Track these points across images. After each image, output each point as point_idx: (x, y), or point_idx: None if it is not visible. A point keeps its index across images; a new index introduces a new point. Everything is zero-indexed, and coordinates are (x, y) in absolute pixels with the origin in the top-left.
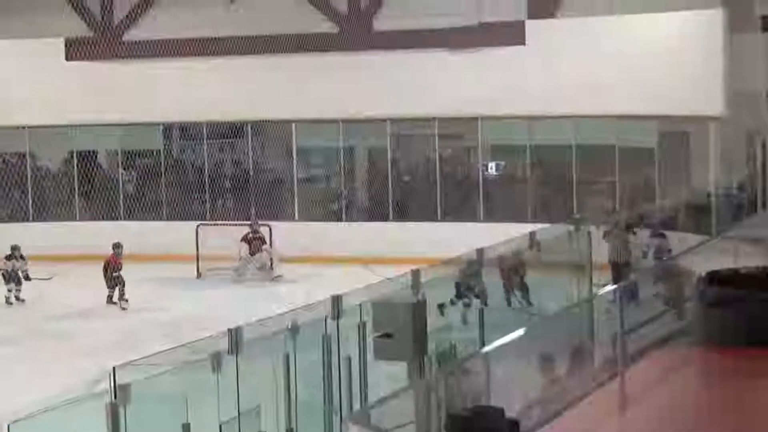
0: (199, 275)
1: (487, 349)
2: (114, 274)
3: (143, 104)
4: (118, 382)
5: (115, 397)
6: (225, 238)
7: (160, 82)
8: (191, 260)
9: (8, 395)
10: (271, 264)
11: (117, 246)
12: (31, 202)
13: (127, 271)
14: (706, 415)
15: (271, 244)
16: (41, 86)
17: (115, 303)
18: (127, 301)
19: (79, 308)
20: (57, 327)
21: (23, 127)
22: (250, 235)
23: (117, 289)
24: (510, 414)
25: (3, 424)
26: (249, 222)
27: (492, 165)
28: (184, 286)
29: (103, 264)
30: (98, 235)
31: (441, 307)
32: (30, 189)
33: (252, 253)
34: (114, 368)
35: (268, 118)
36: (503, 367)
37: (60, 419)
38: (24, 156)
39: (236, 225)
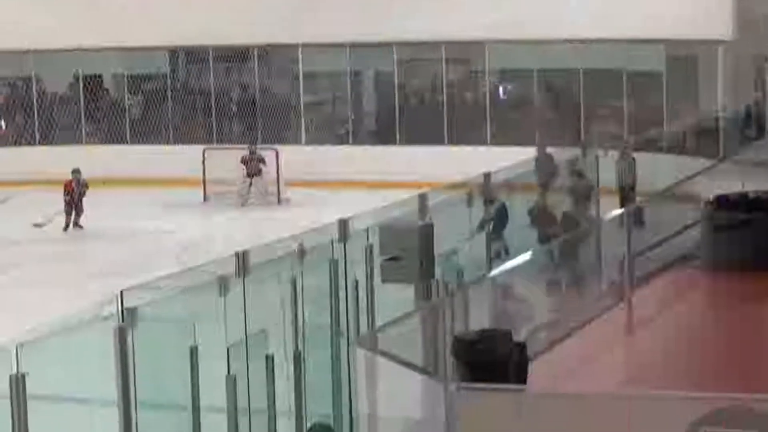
0: (205, 199)
1: (494, 272)
2: (66, 198)
3: (149, 28)
4: (125, 305)
5: (123, 320)
6: (231, 161)
7: (166, 6)
8: (198, 184)
9: (17, 318)
10: (278, 188)
11: (75, 171)
12: (37, 125)
13: (133, 194)
14: (712, 337)
15: (278, 169)
16: (45, 9)
17: (67, 228)
18: (81, 227)
19: (85, 232)
20: (64, 250)
21: (28, 51)
22: (247, 156)
23: (72, 215)
24: (517, 337)
25: (11, 347)
26: (258, 146)
27: (500, 89)
28: (191, 210)
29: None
30: (104, 158)
31: (484, 223)
32: (36, 113)
33: (249, 174)
34: (121, 292)
35: (274, 42)
36: (510, 290)
37: (67, 342)
38: (29, 80)
39: (242, 149)
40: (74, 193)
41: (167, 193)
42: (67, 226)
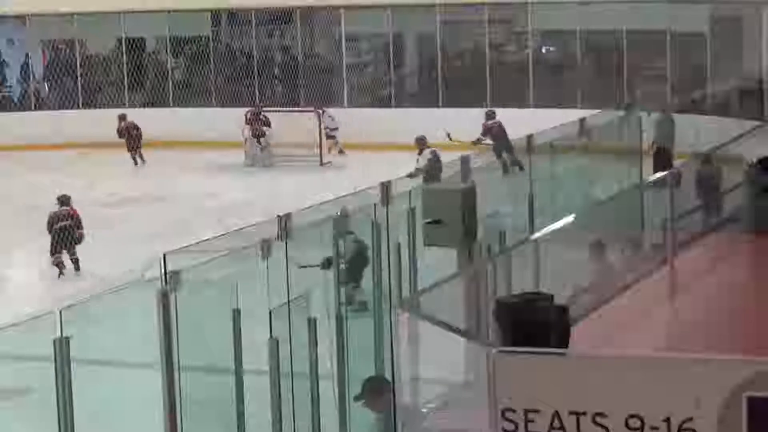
0: (252, 163)
1: (536, 235)
2: (56, 227)
3: None
4: (168, 268)
5: (166, 283)
6: (274, 124)
7: None
8: (240, 147)
9: (59, 281)
10: (320, 151)
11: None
12: (80, 89)
13: (177, 158)
14: (754, 300)
15: (320, 132)
16: None
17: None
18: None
19: (129, 195)
20: (108, 213)
21: (72, 15)
22: (250, 115)
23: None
24: (559, 301)
25: (54, 310)
26: (299, 108)
27: (542, 50)
28: (233, 173)
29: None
30: (148, 121)
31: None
32: (79, 76)
33: (254, 136)
34: (164, 255)
35: (316, 3)
36: (553, 254)
37: (110, 305)
38: (73, 43)
39: (285, 111)
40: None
41: (209, 155)
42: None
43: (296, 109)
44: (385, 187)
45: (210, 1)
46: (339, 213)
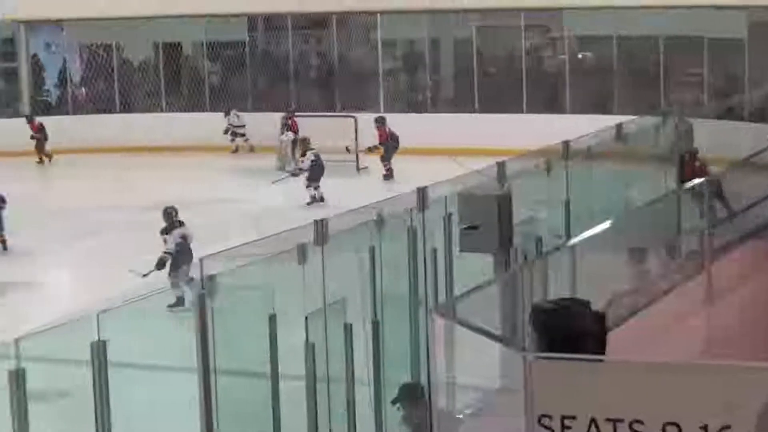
0: (283, 167)
1: (573, 241)
2: None
3: None
4: (205, 272)
5: (202, 287)
6: (310, 129)
7: None
8: (274, 152)
9: (98, 285)
10: (357, 156)
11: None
12: (117, 93)
13: (212, 162)
14: None
15: (356, 137)
16: None
17: None
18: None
19: (167, 199)
20: (145, 217)
21: (109, 19)
22: (284, 120)
23: None
24: (596, 306)
25: (92, 314)
26: (332, 113)
27: (578, 56)
28: (269, 178)
29: None
30: (183, 126)
31: None
32: (116, 81)
33: (293, 141)
34: (201, 259)
35: (352, 9)
36: (589, 259)
37: (147, 309)
38: (110, 47)
39: (321, 116)
40: None
41: (246, 159)
42: None
43: (331, 114)
44: (421, 192)
45: (247, 6)
46: (375, 218)
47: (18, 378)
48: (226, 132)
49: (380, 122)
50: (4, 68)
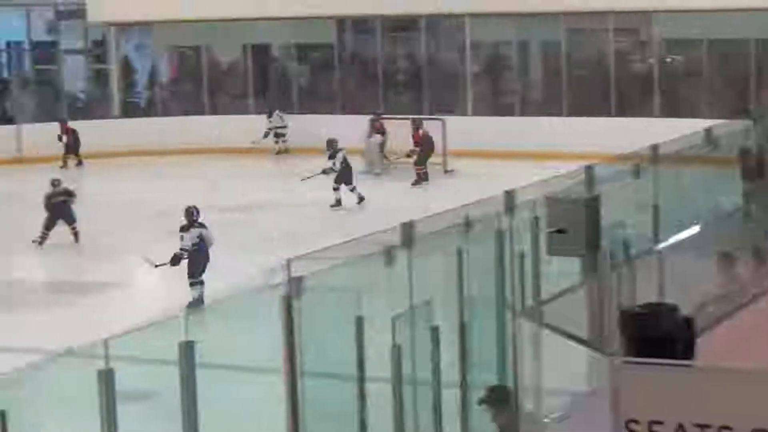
0: (372, 170)
1: (661, 245)
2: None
3: None
4: (292, 274)
5: (289, 289)
6: (396, 131)
7: None
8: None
9: (185, 287)
10: (444, 159)
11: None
12: (206, 95)
13: (299, 164)
14: None
15: (444, 139)
16: None
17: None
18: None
19: (254, 200)
20: (231, 218)
21: (198, 21)
22: (371, 122)
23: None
24: (684, 311)
25: (180, 314)
26: (422, 116)
27: (668, 59)
28: (357, 179)
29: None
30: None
31: None
32: (205, 82)
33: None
34: (288, 260)
35: (441, 11)
36: (678, 264)
37: (235, 309)
38: (199, 49)
39: (409, 119)
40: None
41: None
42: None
43: (418, 116)
44: (509, 195)
45: (336, 8)
46: (462, 221)
47: (107, 378)
48: (266, 135)
49: (417, 124)
50: (96, 70)
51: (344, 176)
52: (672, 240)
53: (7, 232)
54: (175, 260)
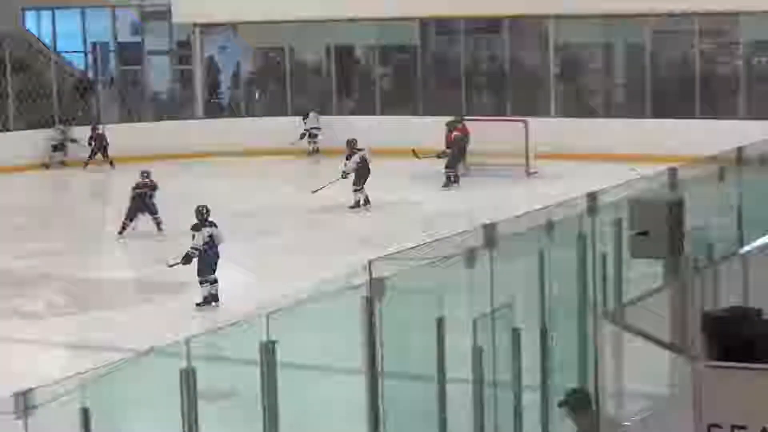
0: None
1: (745, 249)
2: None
3: None
4: (373, 275)
5: (371, 290)
6: (480, 133)
7: None
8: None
9: (268, 286)
10: (527, 160)
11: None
12: (289, 96)
13: (382, 166)
14: None
15: (527, 141)
16: None
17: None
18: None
19: (336, 202)
20: (316, 219)
21: (282, 22)
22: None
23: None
24: None
25: (263, 315)
26: (506, 118)
27: (754, 61)
28: (438, 182)
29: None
30: (354, 129)
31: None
32: (288, 83)
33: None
34: (369, 262)
35: (525, 13)
36: (762, 268)
37: (316, 311)
38: (282, 51)
39: (492, 120)
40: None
41: (416, 163)
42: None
43: (501, 117)
44: (592, 197)
45: (419, 9)
46: (544, 223)
47: (189, 377)
48: (302, 137)
49: (452, 125)
50: (180, 71)
51: (361, 177)
52: (756, 243)
53: (88, 231)
54: (187, 259)
